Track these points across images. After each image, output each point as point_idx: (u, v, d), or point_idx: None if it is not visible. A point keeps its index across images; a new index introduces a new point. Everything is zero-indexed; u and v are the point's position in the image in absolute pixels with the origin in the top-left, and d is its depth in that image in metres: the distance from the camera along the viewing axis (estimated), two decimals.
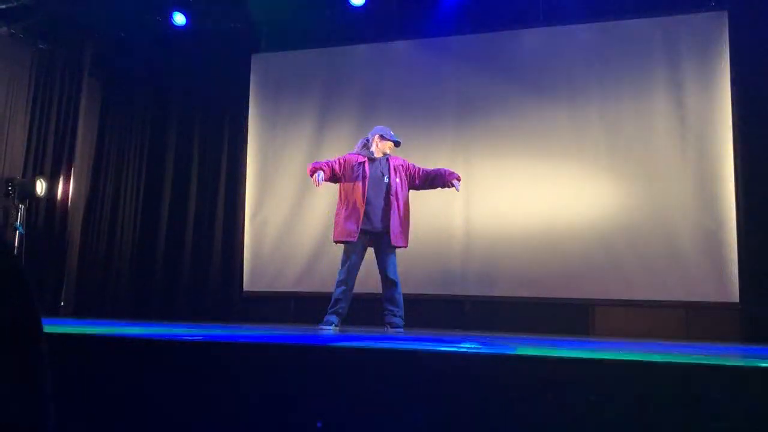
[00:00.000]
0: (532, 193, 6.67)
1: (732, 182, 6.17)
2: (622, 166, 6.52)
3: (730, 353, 3.23)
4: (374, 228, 5.02)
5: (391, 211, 5.01)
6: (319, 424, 2.01)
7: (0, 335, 0.64)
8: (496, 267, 6.68)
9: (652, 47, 6.61)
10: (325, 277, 5.39)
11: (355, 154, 5.20)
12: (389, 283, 5.02)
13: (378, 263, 5.08)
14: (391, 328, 4.96)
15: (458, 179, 5.18)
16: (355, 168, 5.09)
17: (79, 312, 7.65)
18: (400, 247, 5.08)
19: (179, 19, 7.64)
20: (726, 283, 6.07)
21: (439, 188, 5.30)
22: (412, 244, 5.81)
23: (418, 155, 7.08)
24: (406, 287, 6.52)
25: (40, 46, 7.84)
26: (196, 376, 2.33)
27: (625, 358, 2.21)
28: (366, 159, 5.12)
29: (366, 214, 5.00)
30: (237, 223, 7.64)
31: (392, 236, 4.99)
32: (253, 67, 7.90)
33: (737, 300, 6.00)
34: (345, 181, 5.11)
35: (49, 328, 2.97)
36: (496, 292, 6.63)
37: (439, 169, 5.24)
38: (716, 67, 6.38)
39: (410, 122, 7.13)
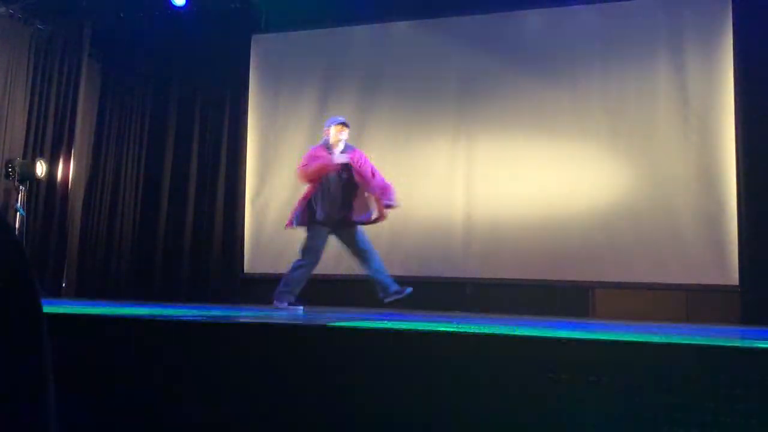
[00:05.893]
0: (533, 175, 6.65)
1: (733, 165, 6.14)
2: (624, 148, 6.49)
3: (729, 335, 3.24)
4: None
5: None
6: None
7: None
8: (497, 249, 6.67)
9: (654, 28, 6.55)
10: (325, 260, 5.37)
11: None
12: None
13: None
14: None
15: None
16: None
17: (81, 293, 7.67)
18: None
19: None
20: (726, 266, 6.06)
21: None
22: (414, 226, 5.75)
23: (419, 138, 7.09)
24: (407, 270, 6.56)
25: (39, 26, 7.78)
26: (197, 356, 2.34)
27: (624, 339, 2.22)
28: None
29: None
30: (238, 205, 7.62)
31: None
32: (253, 47, 7.83)
33: (737, 283, 6.01)
34: None
35: (50, 309, 2.98)
36: (497, 275, 6.63)
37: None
38: (719, 48, 6.33)
39: (411, 104, 7.10)
